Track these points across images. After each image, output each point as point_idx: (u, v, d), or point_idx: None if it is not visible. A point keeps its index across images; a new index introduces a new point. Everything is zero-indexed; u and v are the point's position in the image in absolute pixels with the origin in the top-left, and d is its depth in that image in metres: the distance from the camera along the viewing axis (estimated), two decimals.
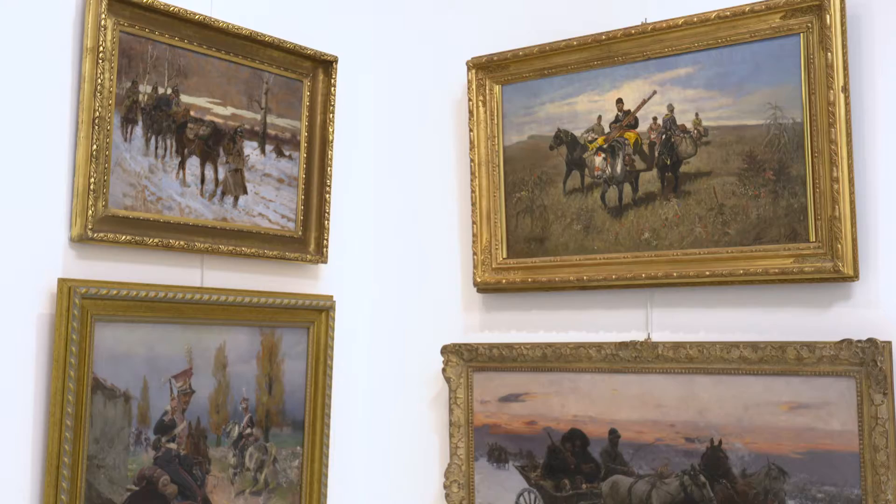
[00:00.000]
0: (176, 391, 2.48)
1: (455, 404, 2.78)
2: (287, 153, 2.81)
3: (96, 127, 2.31)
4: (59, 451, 2.20)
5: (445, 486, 2.77)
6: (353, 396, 2.98)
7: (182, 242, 2.49)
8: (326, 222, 2.85)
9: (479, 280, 2.77)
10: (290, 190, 2.81)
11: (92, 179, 2.30)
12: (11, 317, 2.20)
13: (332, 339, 2.84)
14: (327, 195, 2.86)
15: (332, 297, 2.85)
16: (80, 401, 2.24)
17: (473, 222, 2.78)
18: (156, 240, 2.43)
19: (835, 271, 2.19)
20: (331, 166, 2.87)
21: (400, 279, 3.02)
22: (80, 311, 2.25)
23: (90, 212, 2.29)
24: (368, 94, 3.09)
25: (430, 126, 2.98)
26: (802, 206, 2.27)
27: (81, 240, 2.30)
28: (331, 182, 2.87)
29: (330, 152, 2.87)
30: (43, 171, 2.27)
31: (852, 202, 2.19)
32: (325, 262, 2.85)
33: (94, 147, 2.30)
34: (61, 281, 2.23)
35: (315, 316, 2.82)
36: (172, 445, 2.47)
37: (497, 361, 2.71)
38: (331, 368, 2.84)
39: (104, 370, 2.32)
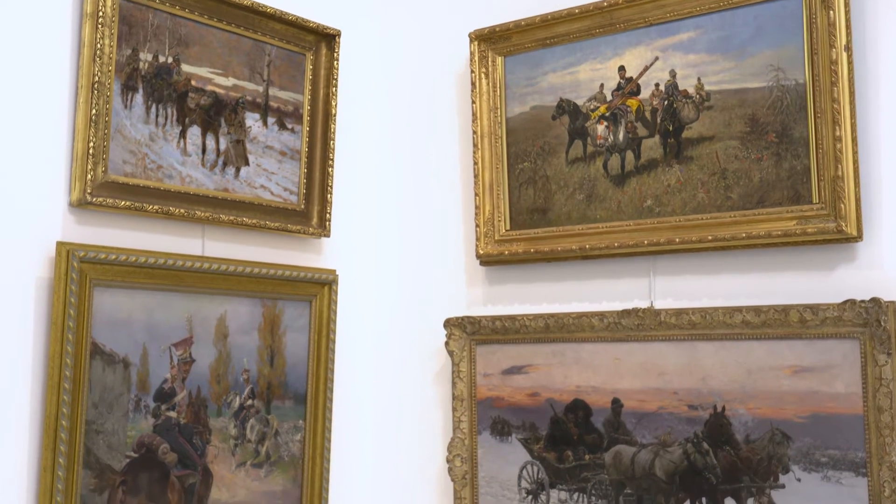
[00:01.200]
0: (176, 359, 2.48)
1: (458, 378, 2.76)
2: (289, 126, 2.80)
3: (95, 92, 2.31)
4: (57, 414, 2.20)
5: (448, 461, 2.75)
6: (355, 371, 2.97)
7: (182, 210, 2.48)
8: (329, 196, 2.84)
9: (481, 252, 2.75)
10: (293, 163, 2.80)
11: (91, 144, 2.30)
12: (10, 280, 2.20)
13: (335, 312, 2.83)
14: (330, 169, 2.85)
15: (334, 270, 2.84)
16: (78, 365, 2.24)
17: (476, 194, 2.76)
18: (156, 207, 2.42)
19: (838, 232, 2.16)
20: (333, 140, 2.86)
21: (403, 253, 3.01)
22: (78, 274, 2.24)
23: (89, 176, 2.29)
24: (371, 68, 3.09)
25: (432, 99, 2.98)
26: (805, 168, 2.24)
27: (81, 204, 2.29)
28: (333, 156, 2.86)
29: (333, 126, 2.86)
30: (43, 135, 2.27)
31: (855, 162, 2.16)
32: (327, 235, 2.84)
33: (94, 112, 2.30)
34: (60, 244, 2.23)
35: (318, 289, 2.81)
36: (172, 414, 2.46)
37: (500, 333, 2.69)
38: (333, 342, 2.82)
39: (103, 335, 2.31)
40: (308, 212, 2.82)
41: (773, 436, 2.23)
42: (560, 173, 2.65)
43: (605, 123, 2.58)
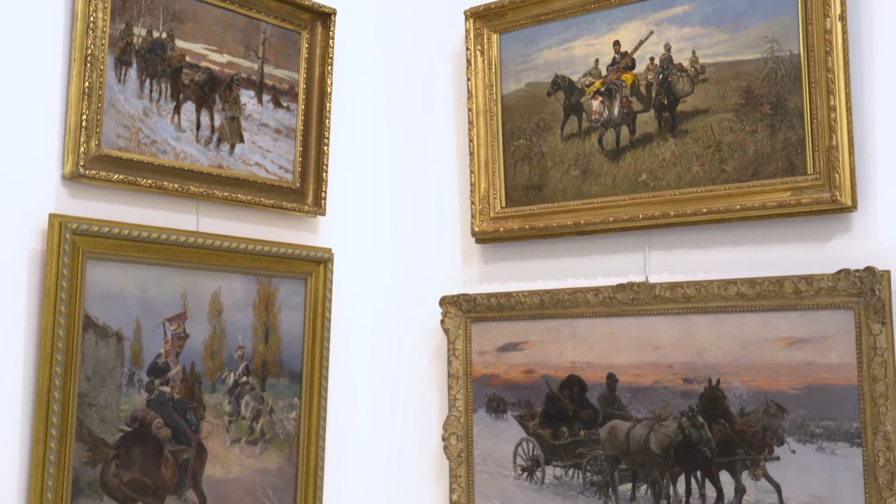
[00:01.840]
0: (170, 334, 2.47)
1: (454, 356, 2.75)
2: (285, 104, 2.80)
3: (88, 65, 2.30)
4: (50, 386, 2.19)
5: (444, 439, 2.74)
6: (351, 349, 2.96)
7: (176, 185, 2.48)
8: (325, 174, 2.83)
9: (476, 230, 2.74)
10: (288, 141, 2.80)
11: (84, 117, 2.29)
12: (3, 253, 2.20)
13: (331, 291, 2.82)
14: (325, 147, 2.84)
15: (330, 249, 2.84)
16: (70, 336, 2.24)
17: (471, 172, 2.76)
18: (149, 181, 2.42)
19: (832, 202, 2.15)
20: (329, 119, 2.86)
21: (398, 232, 3.01)
22: (71, 246, 2.24)
23: (82, 149, 2.29)
24: (367, 46, 3.08)
25: (428, 77, 2.97)
26: (800, 139, 2.23)
27: (74, 177, 2.29)
28: (329, 134, 2.85)
29: (328, 105, 2.86)
30: (36, 108, 2.27)
31: (850, 131, 2.15)
32: (323, 214, 2.83)
33: (87, 85, 2.30)
34: (52, 216, 2.23)
35: (313, 267, 2.80)
36: (166, 389, 2.46)
37: (495, 311, 2.69)
38: (329, 321, 2.82)
39: (96, 308, 2.31)
40: (303, 190, 2.82)
41: (767, 408, 2.22)
42: (555, 149, 2.64)
43: (600, 99, 2.57)
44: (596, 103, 2.58)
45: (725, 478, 2.28)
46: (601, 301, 2.50)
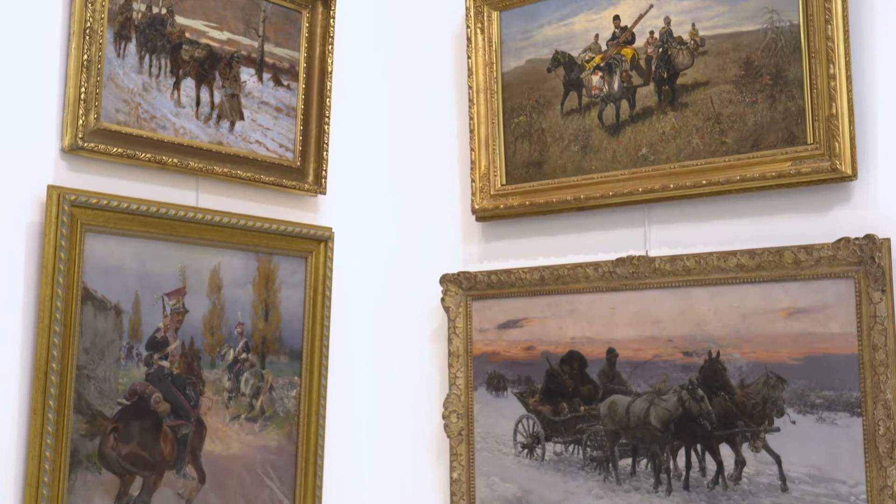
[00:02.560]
0: (169, 309, 2.47)
1: (454, 334, 2.74)
2: (285, 83, 2.80)
3: (87, 38, 2.31)
4: (48, 357, 2.19)
5: (444, 417, 2.73)
6: (351, 329, 2.95)
7: (176, 161, 2.48)
8: (325, 153, 2.83)
9: (477, 207, 2.73)
10: (289, 120, 2.79)
11: (83, 90, 2.30)
12: (1, 225, 2.20)
13: (331, 270, 2.82)
14: (326, 126, 2.84)
15: (330, 228, 2.83)
16: (68, 308, 2.24)
17: (472, 149, 2.75)
18: (149, 155, 2.42)
19: (832, 170, 2.13)
20: (330, 98, 2.85)
21: (399, 212, 3.00)
22: (69, 217, 2.24)
23: (80, 121, 2.29)
24: (367, 25, 3.08)
25: (428, 55, 2.97)
26: (800, 109, 2.22)
27: (72, 150, 2.29)
28: (330, 114, 2.85)
29: (329, 84, 2.85)
30: (34, 80, 2.28)
31: (850, 100, 2.13)
32: (323, 192, 2.83)
33: (86, 58, 2.30)
34: (51, 188, 2.23)
35: (313, 246, 2.80)
36: (165, 363, 2.46)
37: (496, 288, 2.68)
38: (329, 300, 2.81)
39: (95, 281, 2.31)
40: (304, 169, 2.81)
41: (767, 379, 2.20)
42: (555, 126, 2.64)
43: (600, 74, 2.57)
44: (596, 78, 2.57)
45: (725, 450, 2.26)
46: (601, 276, 2.49)
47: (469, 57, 2.77)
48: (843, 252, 2.10)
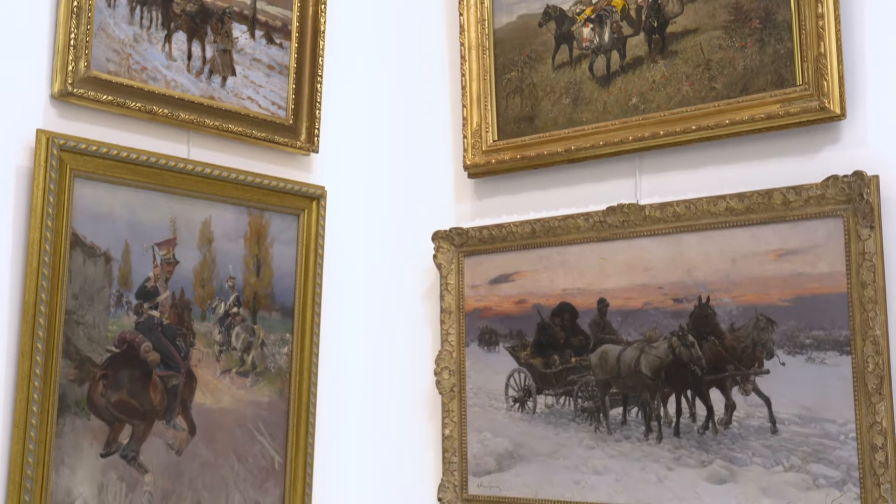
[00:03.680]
0: (159, 259, 2.47)
1: (446, 290, 2.73)
2: (277, 41, 2.80)
3: None
4: (36, 300, 2.19)
5: (436, 373, 2.72)
6: (344, 287, 2.95)
7: (166, 111, 2.48)
8: (318, 112, 2.83)
9: (469, 163, 2.73)
10: (281, 78, 2.80)
11: (73, 37, 2.30)
12: None
13: (324, 228, 2.82)
14: (319, 85, 2.84)
15: (323, 186, 2.83)
16: (57, 252, 2.24)
17: (464, 106, 2.75)
18: (139, 104, 2.42)
19: (821, 110, 2.13)
20: (322, 57, 2.86)
21: (392, 170, 3.00)
22: (58, 162, 2.24)
23: (70, 67, 2.30)
24: None
25: (420, 13, 2.97)
26: (789, 51, 2.21)
27: (62, 96, 2.30)
28: (322, 73, 2.85)
29: (322, 43, 2.86)
30: (23, 26, 2.28)
31: (838, 39, 2.13)
32: (316, 151, 2.83)
33: (75, 4, 2.31)
34: (40, 132, 2.23)
35: (306, 203, 2.80)
36: (155, 313, 2.45)
37: (487, 243, 2.67)
38: (322, 258, 2.81)
39: (84, 227, 2.31)
40: (297, 128, 2.81)
41: (757, 322, 2.19)
42: (546, 80, 2.63)
43: (591, 26, 2.56)
44: (587, 30, 2.57)
45: (716, 395, 2.25)
46: (592, 226, 2.48)
47: (461, 14, 2.77)
48: (831, 190, 2.09)
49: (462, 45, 2.77)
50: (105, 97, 2.36)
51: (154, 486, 2.41)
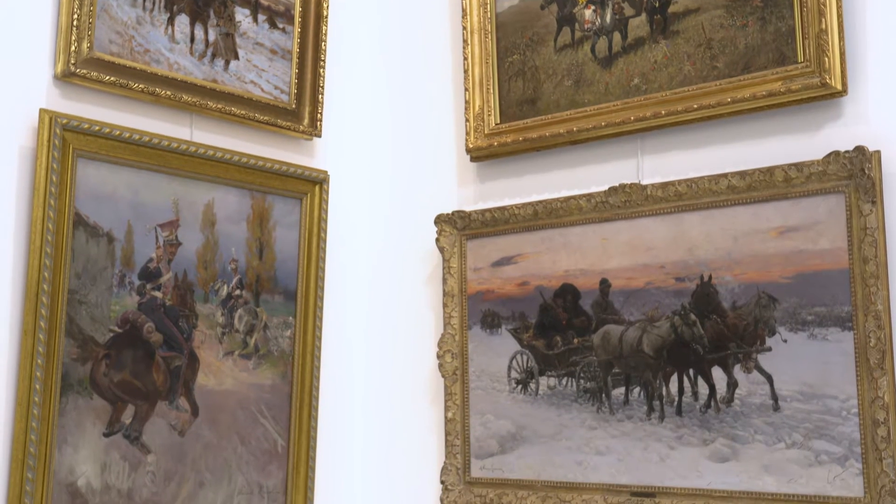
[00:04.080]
0: (162, 240, 2.48)
1: (448, 274, 2.74)
2: (280, 26, 2.80)
3: None
4: (39, 278, 2.20)
5: (439, 357, 2.72)
6: (347, 271, 2.95)
7: (169, 93, 2.49)
8: (321, 97, 2.84)
9: (471, 146, 2.73)
10: (284, 63, 2.80)
11: (75, 17, 2.31)
12: None
13: (326, 212, 2.82)
14: (322, 70, 2.85)
15: (326, 171, 2.83)
16: (60, 231, 2.24)
17: (466, 89, 2.75)
18: (142, 85, 2.43)
19: (822, 86, 2.13)
20: (325, 42, 2.86)
21: (395, 154, 3.00)
22: (60, 141, 2.25)
23: (73, 48, 2.30)
24: None
25: None
26: (790, 28, 2.21)
27: (65, 76, 2.31)
28: (325, 58, 2.86)
29: (324, 27, 2.86)
30: (27, 6, 2.29)
31: (840, 15, 2.13)
32: (318, 135, 2.84)
33: None
34: (42, 111, 2.24)
35: (308, 187, 2.80)
36: (158, 294, 2.46)
37: (490, 226, 2.67)
38: (324, 242, 2.81)
39: (87, 207, 2.32)
40: (299, 112, 2.82)
41: (759, 299, 2.19)
42: (548, 62, 2.64)
43: (593, 7, 2.57)
44: (588, 12, 2.57)
45: (718, 373, 2.25)
46: (594, 207, 2.48)
47: None
48: (833, 166, 2.09)
49: (464, 28, 2.77)
50: (108, 78, 2.36)
51: (157, 467, 2.42)
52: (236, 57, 2.69)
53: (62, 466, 2.23)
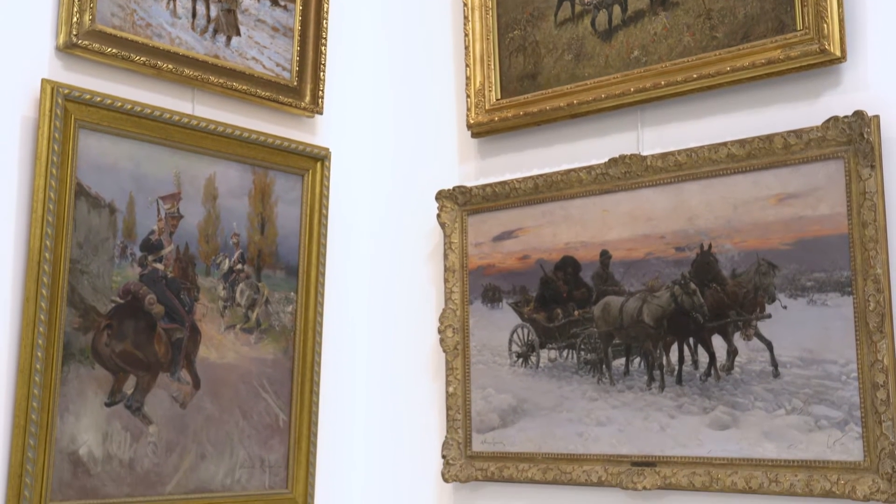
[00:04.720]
0: (163, 212, 2.49)
1: (450, 249, 2.74)
2: (282, 3, 2.81)
3: None
4: (41, 246, 2.21)
5: (440, 332, 2.72)
6: (349, 247, 2.95)
7: (171, 66, 2.50)
8: (322, 73, 2.85)
9: (472, 122, 2.74)
10: (286, 40, 2.81)
11: None
12: None
13: (328, 189, 2.83)
14: (323, 48, 2.86)
15: (327, 148, 2.84)
16: (61, 201, 2.25)
17: (467, 66, 2.76)
18: (143, 58, 2.44)
19: (821, 52, 2.13)
20: (327, 19, 2.87)
21: (396, 131, 3.01)
22: (62, 111, 2.26)
23: (75, 19, 2.32)
24: None
25: None
26: None
27: (67, 48, 2.32)
28: (327, 35, 2.87)
29: (326, 5, 2.87)
30: None
31: None
32: (320, 112, 2.85)
33: None
34: (45, 81, 2.25)
35: (310, 164, 2.81)
36: (159, 266, 2.47)
37: (490, 200, 2.68)
38: (326, 218, 2.82)
39: (88, 178, 2.33)
40: (301, 89, 2.83)
41: (759, 267, 2.19)
42: (549, 37, 2.64)
43: None
44: None
45: (718, 342, 2.25)
46: (594, 178, 2.48)
47: None
48: (832, 132, 2.09)
49: (465, 5, 2.78)
50: (110, 50, 2.38)
51: (158, 438, 2.43)
52: (238, 33, 2.70)
53: (64, 434, 2.24)
